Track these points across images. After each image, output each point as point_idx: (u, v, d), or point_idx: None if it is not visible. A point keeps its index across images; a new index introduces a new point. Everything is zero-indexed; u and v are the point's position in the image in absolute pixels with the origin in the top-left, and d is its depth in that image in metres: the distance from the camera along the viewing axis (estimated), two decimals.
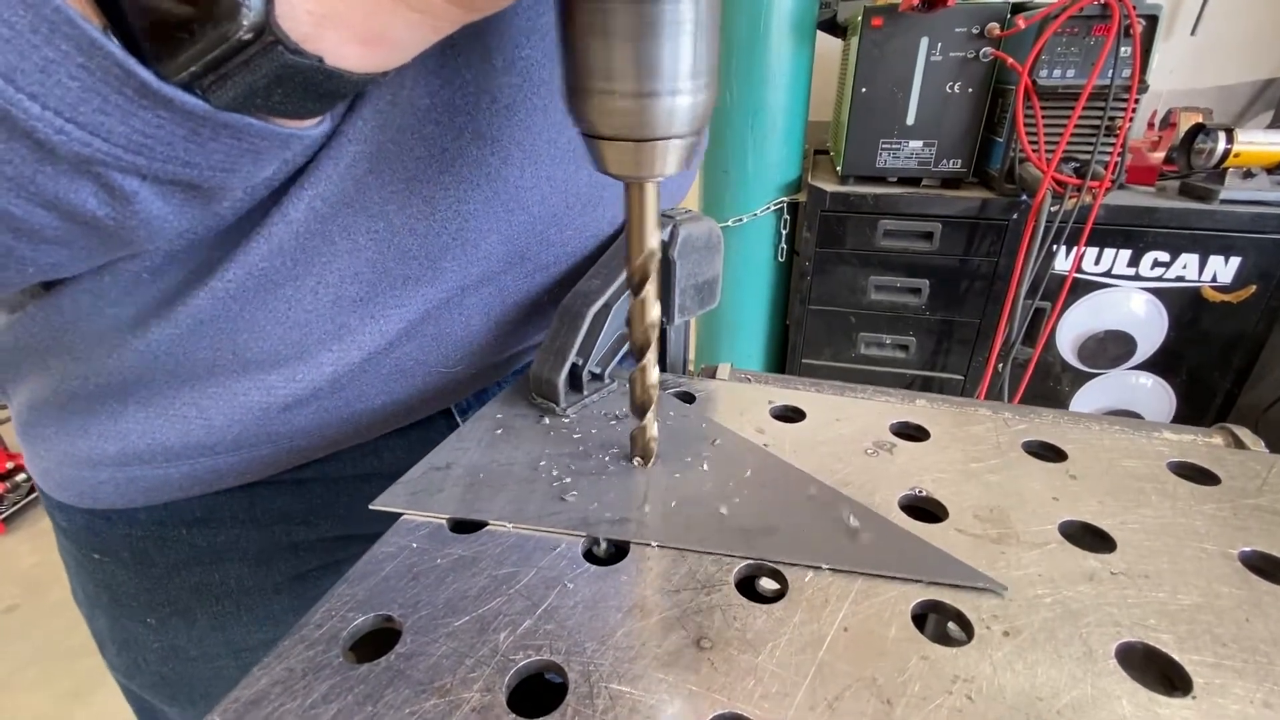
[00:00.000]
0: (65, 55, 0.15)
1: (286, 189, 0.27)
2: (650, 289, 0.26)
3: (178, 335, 0.30)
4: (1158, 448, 0.32)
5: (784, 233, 1.38)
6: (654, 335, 0.27)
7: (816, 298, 1.33)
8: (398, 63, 0.20)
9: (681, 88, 0.20)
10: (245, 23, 0.16)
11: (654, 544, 0.26)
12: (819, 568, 0.24)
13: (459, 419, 0.44)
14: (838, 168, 1.31)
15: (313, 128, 0.22)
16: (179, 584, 0.39)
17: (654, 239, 0.24)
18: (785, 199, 1.35)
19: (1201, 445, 0.33)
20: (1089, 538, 0.26)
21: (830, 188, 1.24)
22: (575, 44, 0.20)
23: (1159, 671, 0.22)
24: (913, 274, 1.26)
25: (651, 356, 0.27)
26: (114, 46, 0.16)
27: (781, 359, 1.52)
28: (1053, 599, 0.23)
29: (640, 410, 0.29)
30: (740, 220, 1.35)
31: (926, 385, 1.35)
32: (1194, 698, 0.20)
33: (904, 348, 1.33)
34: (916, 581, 0.24)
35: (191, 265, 0.28)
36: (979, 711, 0.19)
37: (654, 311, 0.26)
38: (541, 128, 0.33)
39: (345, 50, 0.17)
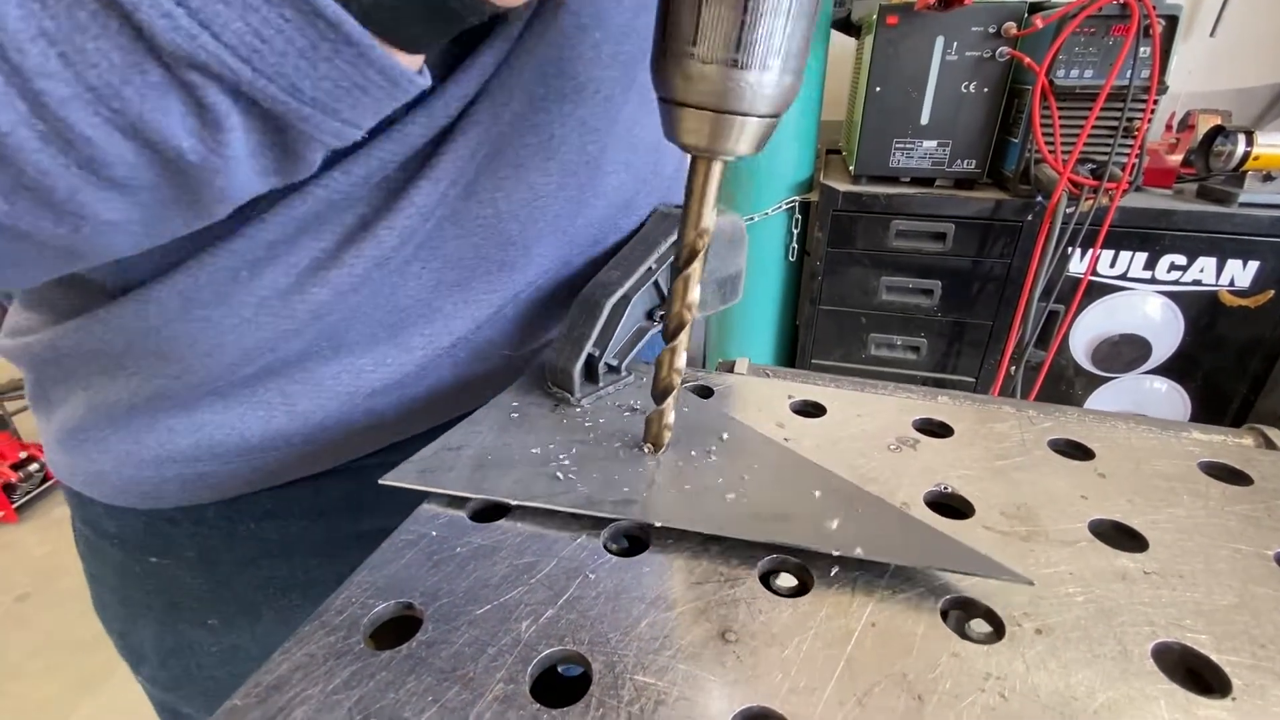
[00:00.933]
0: None
1: (417, 174, 0.27)
2: (696, 267, 0.25)
3: (284, 331, 0.29)
4: (1187, 448, 0.31)
5: (795, 232, 1.37)
6: (690, 316, 0.26)
7: (827, 298, 1.32)
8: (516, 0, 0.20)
9: (770, 64, 0.20)
10: None
11: (658, 523, 0.25)
12: (833, 555, 0.24)
13: None
14: (850, 167, 1.30)
15: (418, 77, 0.20)
16: (246, 580, 0.38)
17: (710, 218, 0.24)
18: (797, 198, 1.34)
19: (1232, 445, 0.32)
20: (1120, 537, 0.26)
21: (843, 187, 1.23)
22: (674, 4, 0.20)
23: (1186, 671, 0.21)
24: (925, 275, 1.25)
25: (683, 339, 0.27)
26: None
27: (791, 359, 1.51)
28: (1085, 597, 0.23)
29: (662, 394, 0.28)
30: (751, 219, 1.35)
31: (938, 387, 1.34)
32: (1233, 699, 0.19)
33: (915, 349, 1.32)
34: (942, 577, 0.23)
35: (307, 259, 0.28)
36: (1013, 710, 0.19)
37: (695, 291, 0.26)
38: (625, 117, 0.34)
39: None
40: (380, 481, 0.27)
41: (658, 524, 0.25)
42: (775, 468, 0.29)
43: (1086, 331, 1.23)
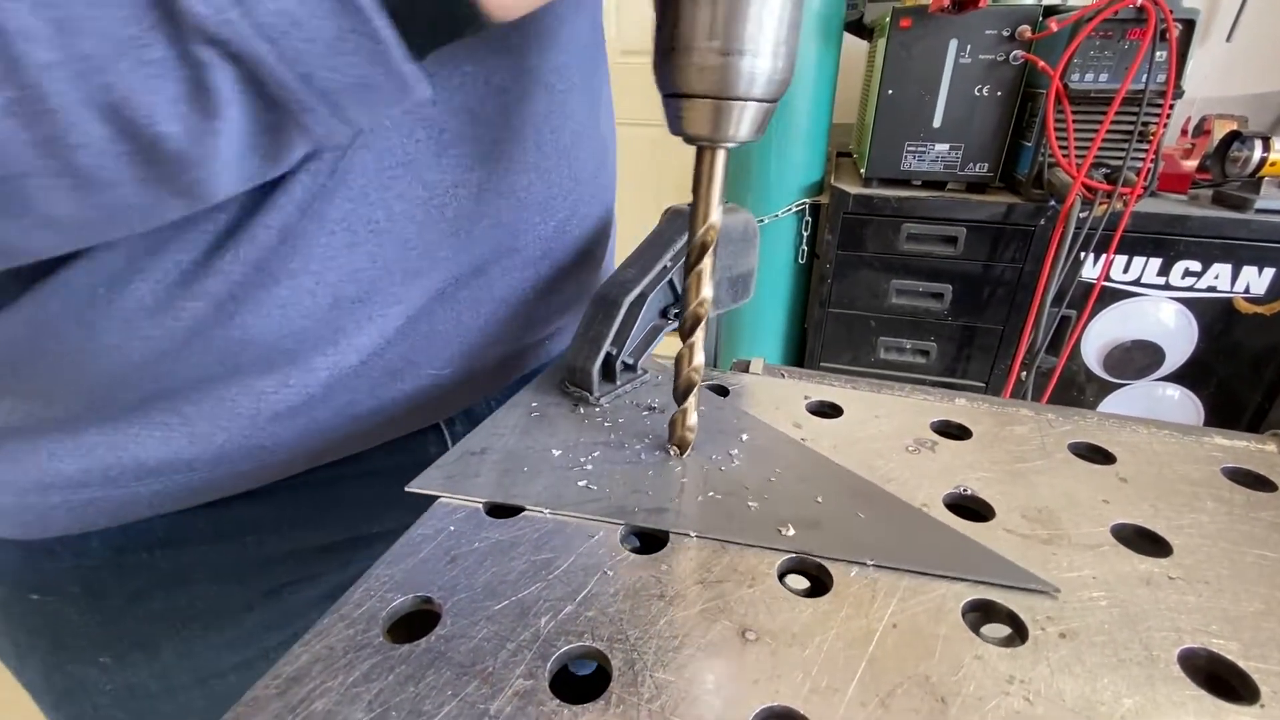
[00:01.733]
0: None
1: (296, 166, 0.25)
2: (707, 262, 0.26)
3: (163, 352, 0.27)
4: (1210, 453, 0.31)
5: (805, 234, 1.37)
6: (705, 312, 0.26)
7: (836, 300, 1.31)
8: (514, 13, 0.20)
9: (763, 50, 0.21)
10: None
11: (693, 534, 0.25)
12: (864, 563, 0.24)
13: (448, 434, 0.41)
14: (861, 170, 1.29)
15: (426, 85, 0.20)
16: (139, 614, 0.35)
17: (716, 213, 0.25)
18: (807, 201, 1.34)
19: (1255, 451, 0.32)
20: (1143, 541, 0.26)
21: (853, 190, 1.23)
22: (668, 6, 0.21)
23: (1211, 678, 0.21)
24: (935, 278, 1.24)
25: (700, 335, 0.27)
26: None
27: (799, 362, 1.50)
28: (1109, 602, 0.22)
29: (683, 393, 0.28)
30: (762, 221, 1.35)
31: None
32: (1262, 706, 0.19)
33: (924, 353, 1.31)
34: (966, 579, 0.23)
35: (175, 271, 0.26)
36: (1038, 714, 0.18)
37: (709, 287, 0.26)
38: (529, 115, 0.32)
39: None
40: (406, 489, 0.27)
41: (693, 535, 0.25)
42: (800, 471, 0.29)
43: (1099, 337, 1.22)
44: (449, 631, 0.21)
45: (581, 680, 0.22)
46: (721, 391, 0.36)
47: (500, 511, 0.27)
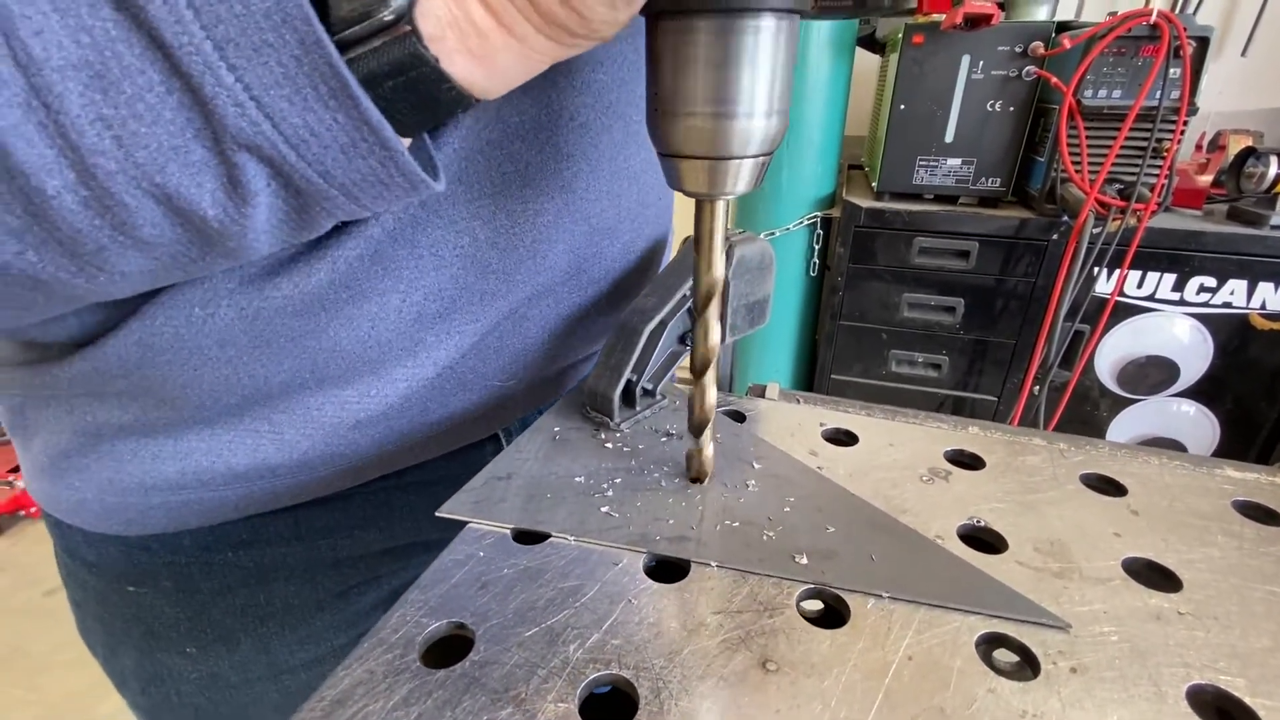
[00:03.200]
0: (284, 43, 0.16)
1: None
2: (713, 309, 0.27)
3: (251, 358, 0.30)
4: (1221, 485, 0.31)
5: (816, 248, 1.37)
6: (715, 356, 0.28)
7: (848, 313, 1.32)
8: (496, 92, 0.21)
9: (756, 111, 0.22)
10: (392, 5, 0.17)
11: (714, 564, 0.26)
12: (880, 595, 0.25)
13: (504, 442, 0.43)
14: (873, 183, 1.30)
15: (433, 182, 0.22)
16: (223, 608, 0.39)
17: (720, 265, 0.26)
18: (819, 214, 1.34)
19: (1265, 485, 0.32)
20: (1154, 576, 0.26)
21: (865, 203, 1.23)
22: (661, 71, 0.22)
23: (1220, 714, 0.21)
24: (947, 292, 1.24)
25: (711, 375, 0.28)
26: (332, 47, 0.17)
27: (810, 375, 1.51)
28: (1119, 637, 0.23)
29: (698, 429, 0.29)
30: (773, 234, 1.35)
31: (959, 405, 1.33)
32: None
33: (936, 366, 1.31)
34: (978, 612, 0.24)
35: (278, 279, 0.28)
36: None
37: (716, 333, 0.27)
38: (606, 145, 0.35)
39: (456, 59, 0.19)
40: (437, 514, 0.28)
41: (713, 564, 0.26)
42: (816, 501, 0.29)
43: (1112, 352, 1.21)
44: (482, 657, 0.22)
45: (600, 699, 0.23)
46: (738, 417, 0.37)
47: (527, 538, 0.28)
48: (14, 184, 0.17)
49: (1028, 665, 0.22)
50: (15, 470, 1.92)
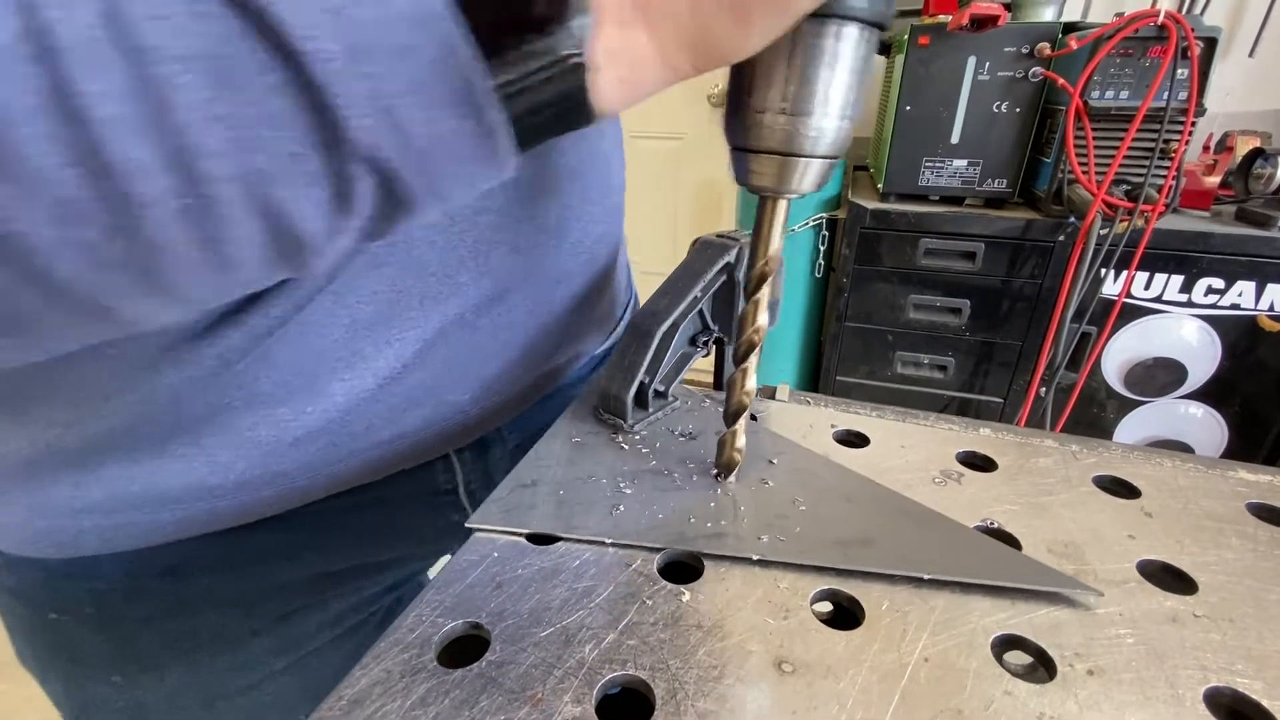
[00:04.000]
0: (423, 46, 0.15)
1: None
2: (765, 292, 0.27)
3: (195, 377, 0.28)
4: (1235, 488, 0.31)
5: (822, 249, 1.37)
6: (759, 339, 0.28)
7: (853, 315, 1.32)
8: (624, 109, 0.20)
9: (830, 113, 0.22)
10: (574, 38, 0.16)
11: (754, 557, 0.26)
12: (920, 578, 0.25)
13: (456, 463, 0.41)
14: (878, 185, 1.30)
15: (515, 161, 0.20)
16: (149, 637, 0.36)
17: (778, 246, 0.26)
18: (824, 215, 1.34)
19: (1279, 487, 0.32)
20: (1169, 578, 0.26)
21: (871, 205, 1.23)
22: (745, 67, 0.22)
23: (1232, 716, 0.21)
24: (953, 293, 1.24)
25: (753, 361, 0.28)
26: (470, 53, 0.15)
27: (815, 376, 1.51)
28: (1135, 639, 0.23)
29: (734, 415, 0.29)
30: None
31: (964, 407, 1.33)
32: None
33: (942, 368, 1.31)
34: (994, 613, 0.24)
35: (226, 310, 0.27)
36: None
37: (764, 316, 0.28)
38: (547, 144, 0.33)
39: (607, 87, 0.18)
40: (467, 525, 0.28)
41: (755, 558, 0.26)
42: (842, 491, 0.30)
43: (1120, 354, 1.21)
44: (499, 657, 0.22)
45: (616, 700, 0.23)
46: (750, 417, 0.37)
47: (541, 538, 0.28)
48: (103, 186, 0.14)
49: (1044, 668, 0.22)
50: None
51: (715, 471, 0.31)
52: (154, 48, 0.13)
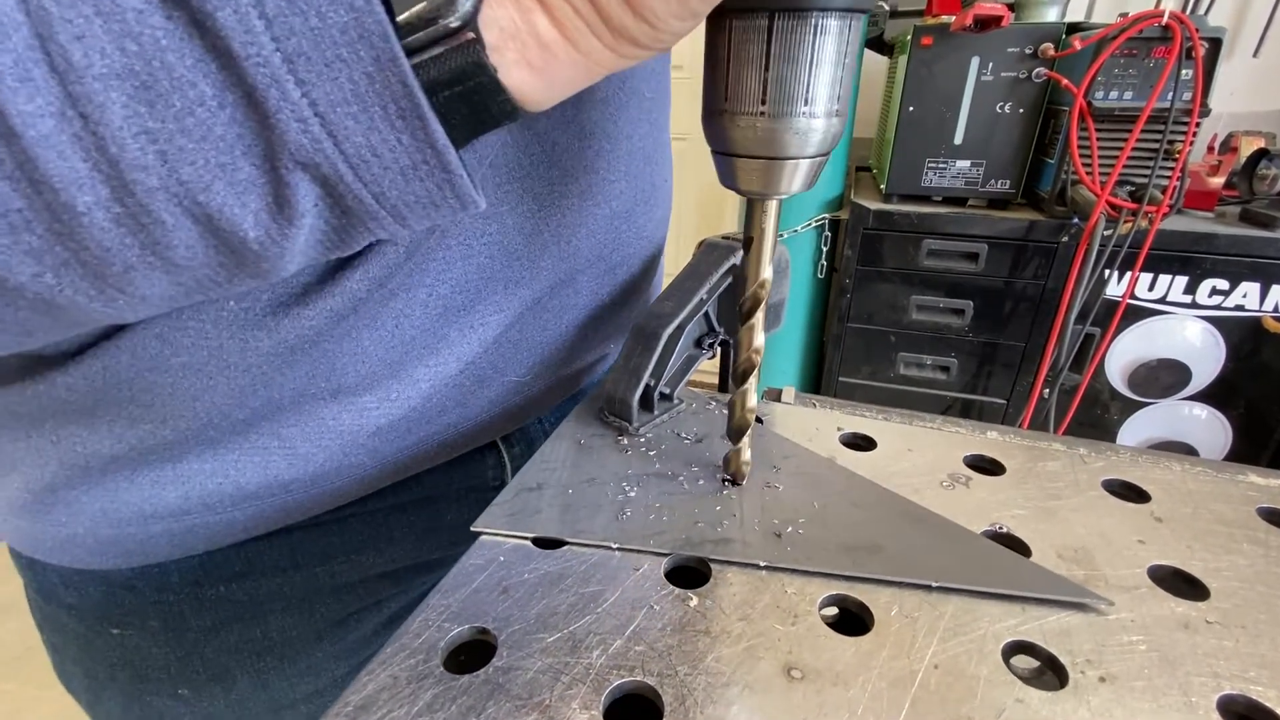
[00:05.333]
0: (358, 59, 0.15)
1: None
2: (760, 316, 0.27)
3: (278, 365, 0.28)
4: (1245, 492, 0.31)
5: (824, 250, 1.37)
6: (758, 360, 0.28)
7: (856, 315, 1.31)
8: (547, 104, 0.20)
9: (816, 112, 0.21)
10: (458, 11, 0.16)
11: (762, 564, 0.26)
12: (929, 586, 0.25)
13: (505, 455, 0.42)
14: (881, 186, 1.30)
15: (481, 199, 0.21)
16: (217, 645, 0.36)
17: (768, 269, 0.26)
18: (827, 216, 1.34)
19: None
20: (1180, 584, 0.26)
21: (873, 205, 1.23)
22: (719, 68, 0.21)
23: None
24: (956, 294, 1.24)
25: (753, 382, 0.28)
26: (408, 66, 0.16)
27: (818, 377, 1.50)
28: (1147, 646, 0.23)
29: (737, 433, 0.29)
30: (781, 236, 1.35)
31: (967, 408, 1.33)
32: None
33: (945, 369, 1.31)
34: (1004, 620, 0.24)
35: (296, 286, 0.27)
36: None
37: (760, 338, 0.27)
38: (624, 122, 0.34)
39: (514, 71, 0.18)
40: (473, 528, 0.28)
41: (762, 564, 0.26)
42: (850, 497, 0.30)
43: (1123, 355, 1.20)
44: (505, 663, 0.22)
45: (624, 707, 0.23)
46: (756, 420, 0.37)
47: (547, 542, 0.27)
48: (40, 199, 0.15)
49: (1055, 674, 0.22)
50: None
51: (724, 478, 0.31)
52: (82, 66, 0.14)
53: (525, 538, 0.28)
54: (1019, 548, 0.27)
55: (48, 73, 0.14)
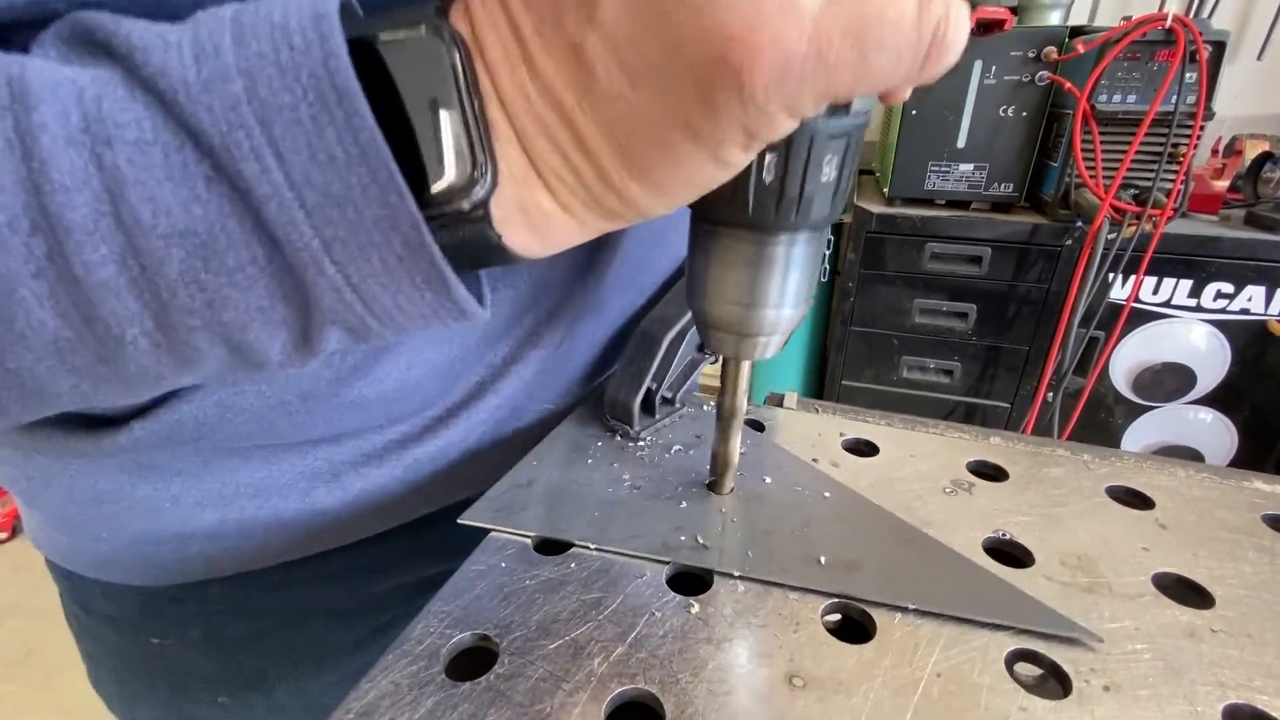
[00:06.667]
0: (389, 245, 0.17)
1: None
2: (736, 424, 0.29)
3: (339, 409, 0.29)
4: (1250, 499, 0.31)
5: (827, 253, 1.37)
6: (734, 463, 0.30)
7: (859, 319, 1.31)
8: (545, 255, 0.21)
9: (784, 303, 0.24)
10: (473, 198, 0.17)
11: (736, 574, 0.26)
12: (905, 608, 0.24)
13: None
14: (884, 189, 1.30)
15: (483, 311, 0.21)
16: (256, 654, 0.36)
17: (743, 403, 0.28)
18: None
19: None
20: (1185, 591, 0.26)
21: (876, 209, 1.23)
22: (701, 263, 0.24)
23: None
24: (959, 298, 1.24)
25: (730, 479, 0.31)
26: (436, 251, 0.17)
27: (821, 380, 1.50)
28: (1152, 654, 0.23)
29: (718, 490, 0.31)
30: None
31: (971, 412, 1.32)
32: None
33: (948, 373, 1.30)
34: (1008, 628, 0.24)
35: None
36: None
37: (737, 440, 0.29)
38: None
39: (516, 235, 0.19)
40: (459, 521, 0.28)
41: (735, 574, 0.26)
42: (839, 511, 0.29)
43: (1128, 359, 1.20)
44: (507, 670, 0.22)
45: (619, 709, 0.23)
46: (757, 426, 0.37)
47: (548, 548, 0.27)
48: (90, 332, 0.17)
49: (1059, 683, 0.22)
50: None
51: (708, 482, 0.31)
52: (148, 225, 0.15)
53: (526, 537, 0.28)
54: (1022, 555, 0.27)
55: (114, 226, 0.15)
